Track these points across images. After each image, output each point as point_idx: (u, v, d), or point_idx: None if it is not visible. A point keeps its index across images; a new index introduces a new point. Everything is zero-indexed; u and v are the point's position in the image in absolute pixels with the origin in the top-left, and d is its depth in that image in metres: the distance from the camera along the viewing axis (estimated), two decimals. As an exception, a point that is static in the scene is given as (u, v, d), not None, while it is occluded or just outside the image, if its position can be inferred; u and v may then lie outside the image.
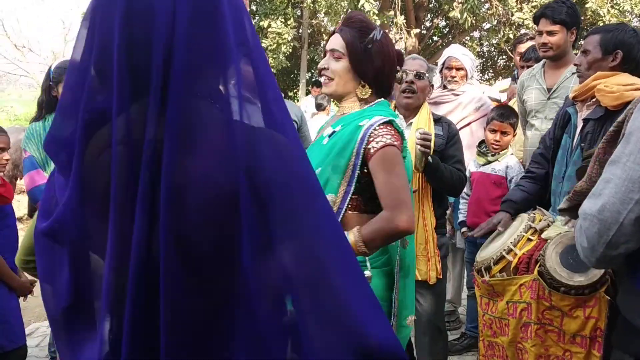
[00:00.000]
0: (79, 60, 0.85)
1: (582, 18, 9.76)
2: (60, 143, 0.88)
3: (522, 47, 3.87)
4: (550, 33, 2.94)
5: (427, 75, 2.60)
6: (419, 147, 2.42)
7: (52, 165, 2.83)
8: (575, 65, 2.44)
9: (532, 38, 3.89)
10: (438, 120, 2.69)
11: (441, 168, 2.54)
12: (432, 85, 2.72)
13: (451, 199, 3.43)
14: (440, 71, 3.65)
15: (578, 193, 1.67)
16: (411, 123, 2.65)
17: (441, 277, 2.68)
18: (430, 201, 2.62)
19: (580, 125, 2.30)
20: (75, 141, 0.83)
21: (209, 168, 0.80)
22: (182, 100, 0.79)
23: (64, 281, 0.86)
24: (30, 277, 2.75)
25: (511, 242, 2.14)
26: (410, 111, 2.68)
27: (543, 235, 2.08)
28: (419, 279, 2.54)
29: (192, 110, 0.81)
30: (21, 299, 2.72)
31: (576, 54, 2.86)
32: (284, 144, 0.84)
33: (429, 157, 2.46)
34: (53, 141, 0.90)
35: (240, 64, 0.83)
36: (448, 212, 3.44)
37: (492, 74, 12.63)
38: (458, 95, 3.52)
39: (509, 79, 4.18)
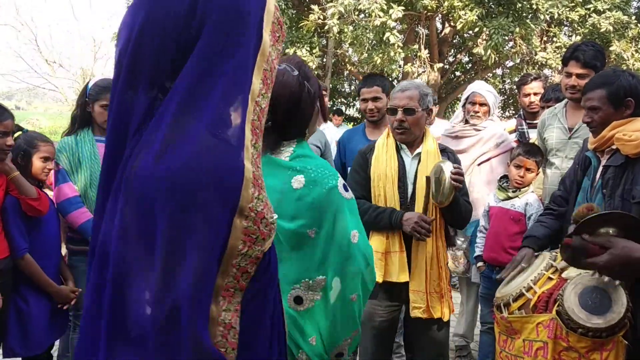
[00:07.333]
0: None
1: (607, 61, 9.76)
2: None
3: (527, 88, 3.86)
4: (580, 76, 2.93)
5: (418, 109, 2.55)
6: (453, 182, 2.41)
7: (79, 177, 2.89)
8: (585, 122, 2.39)
9: (535, 79, 3.90)
10: (443, 150, 2.67)
11: (460, 201, 2.55)
12: (431, 110, 2.65)
13: (468, 233, 3.42)
14: (463, 105, 3.69)
15: None
16: (418, 154, 2.61)
17: (454, 311, 2.67)
18: (443, 238, 2.59)
19: (600, 169, 2.29)
20: None
21: None
22: None
23: None
24: (73, 287, 2.71)
25: (531, 280, 2.13)
26: (411, 143, 2.64)
27: (563, 275, 2.06)
28: (434, 316, 2.51)
29: None
30: None
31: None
32: None
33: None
34: None
35: None
36: (464, 246, 3.43)
37: (514, 111, 12.64)
38: (479, 130, 3.55)
39: (514, 120, 4.18)
